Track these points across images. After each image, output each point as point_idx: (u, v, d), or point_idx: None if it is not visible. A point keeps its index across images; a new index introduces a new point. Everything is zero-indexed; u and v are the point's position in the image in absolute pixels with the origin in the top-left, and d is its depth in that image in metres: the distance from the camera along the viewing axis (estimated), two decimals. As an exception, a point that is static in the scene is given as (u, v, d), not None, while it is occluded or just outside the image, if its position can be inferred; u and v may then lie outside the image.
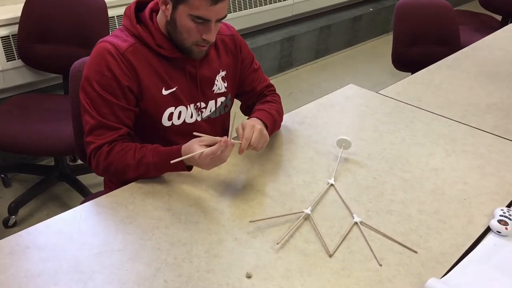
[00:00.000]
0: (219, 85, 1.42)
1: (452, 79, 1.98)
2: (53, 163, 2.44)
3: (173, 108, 1.34)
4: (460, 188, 1.31)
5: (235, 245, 1.08)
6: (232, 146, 1.18)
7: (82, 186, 2.32)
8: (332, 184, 1.30)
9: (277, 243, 1.09)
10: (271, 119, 1.40)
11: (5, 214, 2.20)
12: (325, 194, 1.26)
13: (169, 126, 1.36)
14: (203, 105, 1.40)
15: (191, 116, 1.39)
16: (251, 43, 3.43)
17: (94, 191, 2.30)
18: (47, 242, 1.06)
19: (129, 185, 1.26)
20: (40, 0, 2.23)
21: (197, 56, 1.32)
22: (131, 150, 1.25)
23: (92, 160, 1.29)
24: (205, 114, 1.41)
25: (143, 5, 1.34)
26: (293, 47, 3.75)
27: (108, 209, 1.17)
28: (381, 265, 1.05)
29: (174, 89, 1.33)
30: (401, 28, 2.51)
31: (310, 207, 1.19)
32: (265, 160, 1.39)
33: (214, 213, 1.18)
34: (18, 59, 2.29)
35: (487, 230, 1.17)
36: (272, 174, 1.34)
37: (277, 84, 1.60)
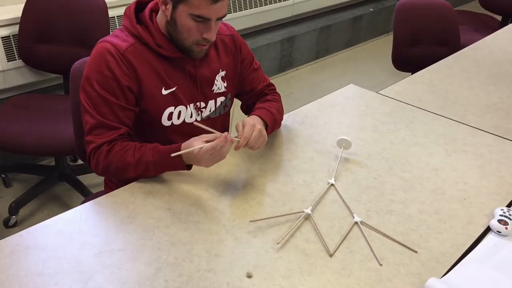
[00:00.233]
0: (219, 85, 1.42)
1: (452, 79, 1.98)
2: (53, 163, 2.44)
3: (172, 107, 1.35)
4: (460, 188, 1.31)
5: (236, 245, 1.08)
6: (231, 143, 1.19)
7: (82, 186, 2.32)
8: (332, 184, 1.30)
9: (278, 243, 1.09)
10: (272, 118, 1.41)
11: (6, 214, 2.20)
12: (325, 194, 1.27)
13: (169, 125, 1.36)
14: (203, 104, 1.40)
15: (191, 116, 1.39)
16: (251, 43, 3.43)
17: (94, 191, 2.30)
18: (48, 242, 1.06)
19: (129, 185, 1.26)
20: (40, 1, 2.24)
21: (197, 55, 1.33)
22: (130, 149, 1.26)
23: (91, 159, 1.29)
24: (204, 114, 1.41)
25: (143, 5, 1.34)
26: (293, 47, 3.75)
27: (108, 209, 1.18)
28: (381, 265, 1.05)
29: (174, 89, 1.34)
30: (401, 28, 2.51)
31: (310, 207, 1.19)
32: (265, 160, 1.39)
33: (214, 212, 1.18)
34: (19, 59, 2.29)
35: (487, 230, 1.17)
36: (273, 174, 1.34)
37: (277, 84, 1.61)
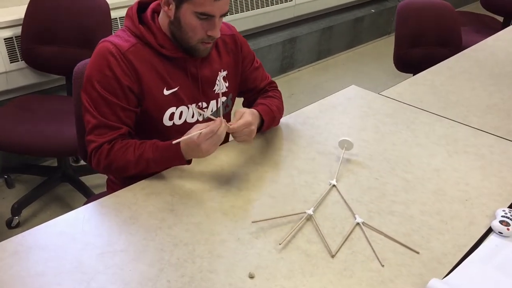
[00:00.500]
0: (220, 85, 1.42)
1: (454, 80, 1.98)
2: (56, 164, 2.45)
3: (174, 108, 1.35)
4: (461, 189, 1.31)
5: (238, 246, 1.09)
6: (226, 126, 1.22)
7: (85, 187, 2.32)
8: (334, 185, 1.30)
9: (280, 244, 1.09)
10: (271, 115, 1.44)
11: (8, 215, 2.21)
12: (327, 195, 1.27)
13: (171, 126, 1.37)
14: (205, 105, 1.41)
15: (193, 116, 1.39)
16: (253, 44, 3.44)
17: (97, 192, 2.31)
18: (50, 243, 1.07)
19: (132, 185, 1.26)
20: (43, 2, 2.24)
21: (202, 53, 1.33)
22: (131, 147, 1.27)
23: (92, 158, 1.30)
24: (206, 114, 1.42)
25: (145, 6, 1.35)
26: (295, 48, 3.76)
27: (111, 209, 1.18)
28: (383, 266, 1.05)
29: (176, 89, 1.34)
30: (403, 29, 2.51)
31: (312, 208, 1.20)
32: (267, 161, 1.39)
33: (216, 213, 1.18)
34: (22, 60, 2.30)
35: (489, 230, 1.17)
36: (274, 174, 1.34)
37: (279, 85, 1.61)
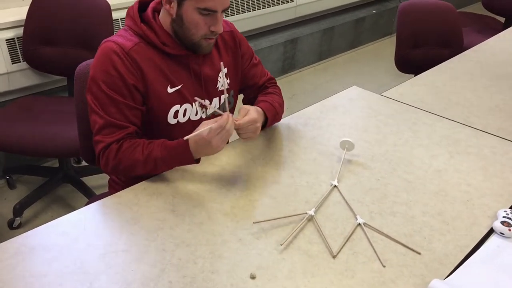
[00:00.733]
0: (222, 82, 1.43)
1: (455, 81, 1.98)
2: (57, 165, 2.45)
3: (178, 105, 1.36)
4: (463, 189, 1.31)
5: (239, 246, 1.09)
6: (233, 120, 1.23)
7: (86, 188, 2.33)
8: (335, 186, 1.30)
9: (281, 244, 1.09)
10: (274, 111, 1.46)
11: (10, 216, 2.21)
12: (328, 195, 1.27)
13: (175, 123, 1.37)
14: (207, 102, 1.41)
15: (196, 114, 1.40)
16: (254, 45, 3.44)
17: (98, 192, 2.31)
18: (53, 243, 1.07)
19: (133, 186, 1.26)
20: (45, 3, 2.25)
21: (206, 49, 1.34)
22: (139, 146, 1.27)
23: (101, 159, 1.29)
24: (209, 111, 1.42)
25: (145, 5, 1.35)
26: (296, 49, 3.76)
27: (112, 210, 1.18)
28: (385, 266, 1.05)
29: (179, 87, 1.35)
30: (404, 30, 2.51)
31: (313, 208, 1.20)
32: (268, 162, 1.39)
33: (218, 214, 1.18)
34: (23, 61, 2.31)
35: (490, 231, 1.17)
36: (276, 175, 1.34)
37: (280, 86, 1.61)
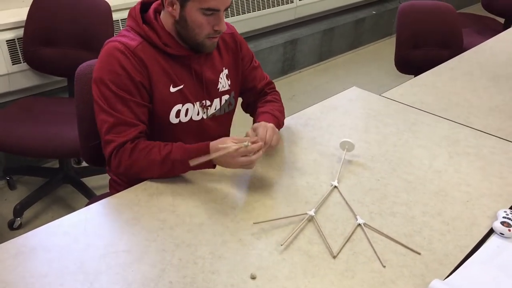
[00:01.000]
0: (223, 83, 1.44)
1: (455, 82, 1.98)
2: (57, 166, 2.45)
3: (180, 105, 1.36)
4: (463, 190, 1.32)
5: (240, 247, 1.09)
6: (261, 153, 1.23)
7: (86, 188, 2.33)
8: (335, 186, 1.30)
9: (281, 245, 1.10)
10: (276, 121, 1.42)
11: (10, 216, 2.21)
12: (328, 196, 1.27)
13: (177, 123, 1.37)
14: (208, 103, 1.42)
15: (198, 114, 1.40)
16: (254, 46, 3.44)
17: (98, 193, 2.31)
18: (53, 244, 1.07)
19: (134, 187, 1.27)
20: (45, 4, 2.25)
21: (209, 48, 1.34)
22: (155, 148, 1.26)
23: (113, 159, 1.27)
24: (210, 112, 1.43)
25: (147, 6, 1.36)
26: (296, 50, 3.76)
27: (113, 210, 1.18)
28: (385, 267, 1.05)
29: (181, 86, 1.35)
30: (404, 31, 2.51)
31: (313, 209, 1.20)
32: (268, 162, 1.40)
33: (218, 214, 1.18)
34: (24, 62, 2.31)
35: (490, 231, 1.17)
36: (276, 176, 1.34)
37: (280, 87, 1.62)
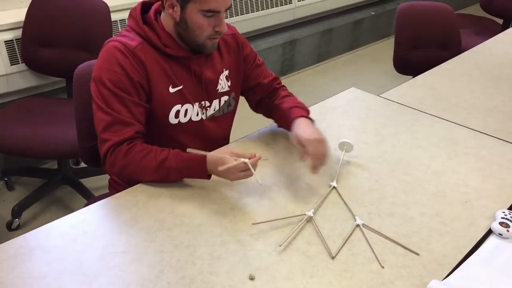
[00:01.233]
0: (223, 84, 1.44)
1: (454, 82, 1.98)
2: (56, 167, 2.45)
3: (179, 105, 1.36)
4: (461, 190, 1.32)
5: (238, 247, 1.09)
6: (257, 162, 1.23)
7: (85, 189, 2.32)
8: (334, 187, 1.30)
9: (280, 245, 1.10)
10: (307, 112, 1.45)
11: (9, 217, 2.21)
12: (327, 196, 1.27)
13: (176, 124, 1.37)
14: (208, 104, 1.42)
15: (197, 115, 1.40)
16: (253, 46, 3.41)
17: (97, 194, 2.30)
18: (51, 245, 1.07)
19: (132, 187, 1.26)
20: (43, 5, 2.25)
21: (210, 49, 1.35)
22: (151, 152, 1.25)
23: (108, 157, 1.26)
24: (209, 113, 1.43)
25: (147, 7, 1.36)
26: (294, 50, 3.76)
27: (111, 211, 1.18)
28: (383, 267, 1.05)
29: (181, 87, 1.35)
30: (403, 32, 2.52)
31: (312, 210, 1.20)
32: (267, 163, 1.39)
33: (216, 215, 1.18)
34: (22, 63, 2.31)
35: (489, 232, 1.17)
36: (274, 177, 1.34)
37: (279, 87, 1.62)
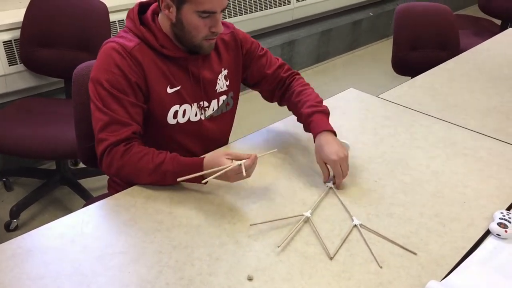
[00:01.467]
0: (221, 84, 1.44)
1: (452, 83, 1.98)
2: (54, 167, 2.45)
3: (178, 106, 1.36)
4: (460, 191, 1.32)
5: (236, 248, 1.09)
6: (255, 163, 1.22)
7: (83, 190, 2.32)
8: (331, 187, 1.30)
9: (278, 246, 1.10)
10: (327, 119, 1.43)
11: (7, 218, 2.21)
12: (324, 197, 1.27)
13: (174, 124, 1.37)
14: (206, 104, 1.42)
15: (196, 115, 1.40)
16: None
17: (95, 194, 2.30)
18: (50, 245, 1.07)
19: (130, 188, 1.26)
20: (42, 5, 2.25)
21: (207, 50, 1.34)
22: (148, 155, 1.24)
23: (104, 158, 1.26)
24: (208, 113, 1.43)
25: (145, 8, 1.36)
26: (293, 51, 3.76)
27: (110, 212, 1.18)
28: (382, 267, 1.05)
29: (179, 87, 1.35)
30: (401, 33, 2.52)
31: (310, 210, 1.20)
32: (265, 164, 1.39)
33: (215, 216, 1.18)
34: (20, 63, 2.30)
35: (487, 233, 1.17)
36: (273, 177, 1.34)
37: (278, 88, 1.62)
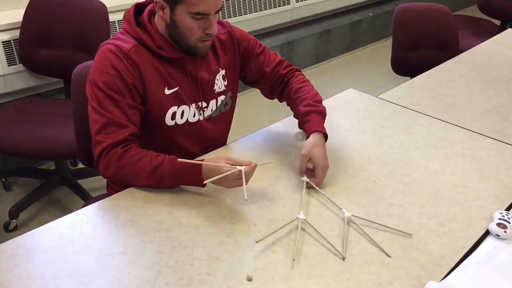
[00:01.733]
0: (219, 84, 1.44)
1: (451, 84, 1.99)
2: (53, 167, 2.45)
3: (176, 107, 1.36)
4: (459, 191, 1.32)
5: (236, 248, 1.09)
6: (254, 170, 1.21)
7: (82, 190, 2.32)
8: (306, 182, 1.29)
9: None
10: (322, 119, 1.43)
11: (6, 218, 2.21)
12: (304, 192, 1.27)
13: (173, 125, 1.37)
14: (204, 104, 1.42)
15: (194, 116, 1.40)
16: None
17: (95, 195, 2.30)
18: (49, 245, 1.07)
19: (130, 188, 1.26)
20: (41, 5, 2.25)
21: (202, 51, 1.34)
22: (146, 157, 1.23)
23: (102, 160, 1.25)
24: (206, 114, 1.43)
25: (141, 9, 1.36)
26: (292, 51, 3.76)
27: (109, 212, 1.18)
28: (390, 257, 1.08)
29: (176, 88, 1.35)
30: (400, 33, 2.52)
31: (301, 212, 1.19)
32: (265, 165, 1.39)
33: (214, 216, 1.18)
34: (19, 63, 2.30)
35: (486, 233, 1.17)
36: (272, 177, 1.34)
37: (277, 88, 1.62)
